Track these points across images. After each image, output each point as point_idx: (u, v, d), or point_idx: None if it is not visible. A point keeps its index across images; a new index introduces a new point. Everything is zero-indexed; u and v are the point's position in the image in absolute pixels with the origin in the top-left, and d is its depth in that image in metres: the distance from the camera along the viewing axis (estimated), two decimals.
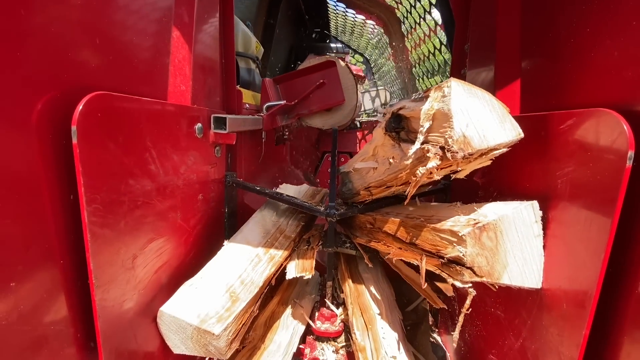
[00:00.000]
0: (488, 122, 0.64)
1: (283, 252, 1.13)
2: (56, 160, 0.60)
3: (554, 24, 0.78)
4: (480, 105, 0.64)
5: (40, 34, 0.57)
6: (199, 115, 1.07)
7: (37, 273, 0.58)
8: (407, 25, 2.79)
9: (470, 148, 0.63)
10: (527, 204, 0.68)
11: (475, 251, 0.65)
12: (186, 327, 0.80)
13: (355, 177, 1.24)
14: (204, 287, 0.90)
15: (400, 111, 0.81)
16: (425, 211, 0.89)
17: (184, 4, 1.00)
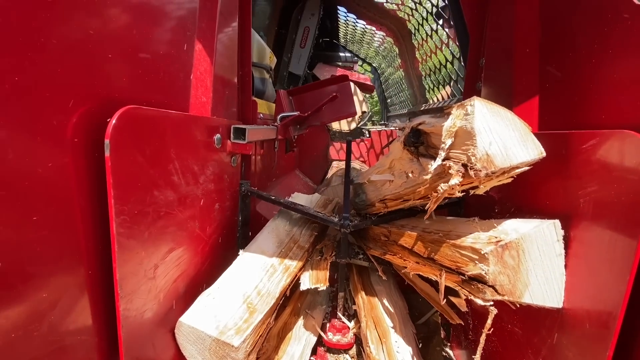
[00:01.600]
0: (511, 140, 0.65)
1: (297, 262, 1.13)
2: (88, 172, 0.62)
3: (574, 42, 0.79)
4: (503, 123, 0.65)
5: (76, 49, 0.59)
6: (219, 125, 1.09)
7: (67, 284, 0.59)
8: (418, 37, 2.82)
9: (493, 166, 0.64)
10: (549, 223, 0.68)
11: (498, 269, 0.65)
12: (205, 338, 0.80)
13: (370, 188, 1.24)
14: (222, 297, 0.90)
15: (420, 126, 0.82)
16: (443, 226, 0.90)
17: (206, 18, 1.03)
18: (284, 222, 1.39)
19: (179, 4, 0.91)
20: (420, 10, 2.49)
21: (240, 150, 1.21)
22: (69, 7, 0.57)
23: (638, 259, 0.54)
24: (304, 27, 3.42)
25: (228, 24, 1.18)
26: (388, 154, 1.10)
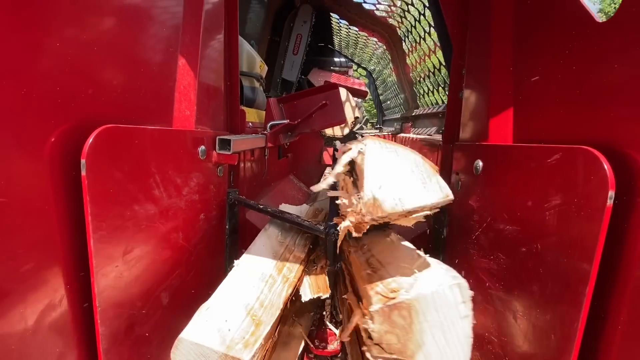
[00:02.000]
0: (407, 183, 0.61)
1: (295, 272, 1.12)
2: (66, 190, 0.64)
3: (544, 58, 0.81)
4: (401, 164, 0.62)
5: (54, 70, 0.61)
6: (203, 137, 1.11)
7: (46, 297, 0.61)
8: (408, 44, 2.85)
9: (381, 211, 0.60)
10: (452, 284, 0.65)
11: (384, 328, 0.61)
12: (209, 355, 0.74)
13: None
14: (223, 310, 0.86)
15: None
16: (388, 256, 0.88)
17: (190, 33, 1.05)
18: (276, 231, 1.38)
19: (162, 20, 0.93)
20: (409, 18, 2.53)
21: (226, 161, 1.23)
22: (46, 27, 0.59)
23: (597, 268, 0.56)
24: (296, 35, 3.46)
25: (213, 37, 1.21)
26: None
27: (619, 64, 0.58)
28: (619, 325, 0.57)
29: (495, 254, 0.88)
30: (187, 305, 1.01)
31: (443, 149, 1.43)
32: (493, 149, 0.93)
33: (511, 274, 0.80)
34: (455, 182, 1.24)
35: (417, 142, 2.41)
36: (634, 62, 0.57)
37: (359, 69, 5.48)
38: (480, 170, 1.00)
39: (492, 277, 0.89)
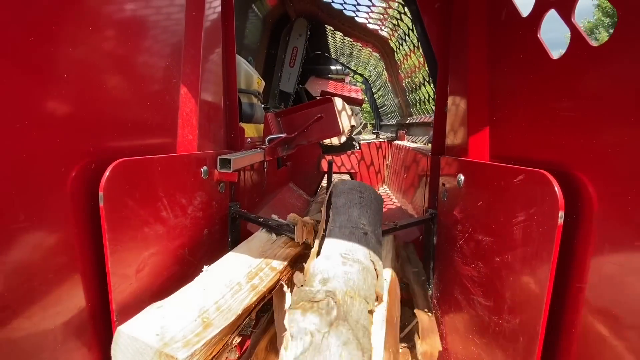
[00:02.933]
0: None
1: (267, 283, 1.09)
2: (84, 218, 0.72)
3: (512, 85, 0.89)
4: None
5: (73, 112, 0.69)
6: (205, 158, 1.19)
7: (69, 312, 0.69)
8: (399, 55, 2.94)
9: None
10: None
11: None
12: (145, 351, 0.70)
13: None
14: (174, 309, 0.83)
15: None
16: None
17: (190, 64, 1.14)
18: (259, 243, 1.35)
19: (164, 55, 1.02)
20: (399, 32, 2.61)
21: (227, 178, 1.31)
22: (67, 74, 0.68)
23: (552, 277, 0.63)
24: (292, 47, 3.56)
25: (212, 62, 1.30)
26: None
27: (566, 97, 0.67)
28: (576, 327, 0.65)
29: (475, 262, 0.96)
30: None
31: (431, 160, 1.52)
32: (472, 164, 1.01)
33: (488, 281, 0.88)
34: (442, 192, 1.32)
35: (410, 151, 2.50)
36: (578, 95, 0.65)
37: (356, 76, 5.59)
38: (462, 184, 1.08)
39: (473, 284, 0.97)
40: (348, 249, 1.07)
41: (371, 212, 1.33)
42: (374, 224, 1.28)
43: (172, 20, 1.09)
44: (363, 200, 1.36)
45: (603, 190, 0.60)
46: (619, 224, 0.56)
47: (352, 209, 1.29)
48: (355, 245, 1.09)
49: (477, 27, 1.07)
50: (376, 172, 3.48)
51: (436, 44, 1.44)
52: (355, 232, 1.17)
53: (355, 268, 0.98)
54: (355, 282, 0.91)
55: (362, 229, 1.19)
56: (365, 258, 1.05)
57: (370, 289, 0.95)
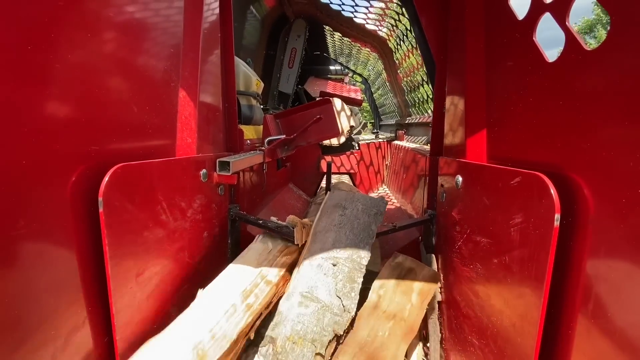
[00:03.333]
0: None
1: (262, 299, 1.06)
2: (85, 222, 0.73)
3: (509, 87, 0.90)
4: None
5: (73, 118, 0.70)
6: (204, 161, 1.20)
7: (69, 317, 0.70)
8: (398, 55, 2.94)
9: None
10: None
11: None
12: None
13: None
14: (169, 344, 0.83)
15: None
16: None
17: (189, 67, 1.14)
18: (254, 255, 1.29)
19: (162, 58, 1.03)
20: (397, 32, 2.62)
21: (226, 181, 1.32)
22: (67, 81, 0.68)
23: (549, 280, 0.64)
24: (291, 49, 3.56)
25: (210, 67, 1.30)
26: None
27: (562, 99, 0.67)
28: (572, 329, 0.65)
29: (473, 263, 0.96)
30: None
31: (430, 160, 1.52)
32: (469, 166, 1.02)
33: (486, 283, 0.88)
34: (440, 193, 1.32)
35: (409, 151, 2.50)
36: (574, 97, 0.65)
37: (355, 76, 5.59)
38: (460, 185, 1.09)
39: (472, 285, 0.98)
40: (310, 285, 1.03)
41: (353, 231, 1.23)
42: (355, 244, 1.17)
43: (171, 23, 1.09)
44: (344, 220, 1.26)
45: (599, 192, 0.60)
46: (615, 226, 0.56)
47: (329, 233, 1.22)
48: (319, 281, 1.04)
49: (474, 29, 1.08)
50: (375, 172, 3.49)
51: (434, 45, 1.45)
52: (324, 265, 1.10)
53: (311, 309, 0.97)
54: (305, 325, 0.92)
55: (333, 259, 1.11)
56: (329, 294, 1.01)
57: (324, 329, 0.92)
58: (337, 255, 1.13)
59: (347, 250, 1.15)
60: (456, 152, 1.20)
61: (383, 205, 1.40)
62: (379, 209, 1.36)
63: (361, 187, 3.45)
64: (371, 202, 1.38)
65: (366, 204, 1.37)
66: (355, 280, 1.06)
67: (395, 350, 0.96)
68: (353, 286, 1.05)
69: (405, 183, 2.59)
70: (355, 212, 1.31)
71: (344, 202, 1.35)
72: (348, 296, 1.02)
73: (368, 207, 1.35)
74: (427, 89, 2.42)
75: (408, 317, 1.06)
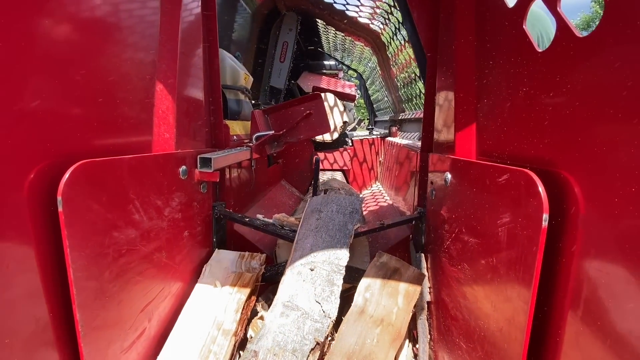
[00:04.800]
0: None
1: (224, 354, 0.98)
2: (46, 223, 0.68)
3: (499, 81, 0.85)
4: None
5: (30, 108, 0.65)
6: (184, 157, 1.15)
7: (29, 325, 0.65)
8: (391, 50, 2.89)
9: None
10: None
11: None
12: None
13: None
14: None
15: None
16: None
17: (167, 59, 1.09)
18: (205, 299, 1.14)
19: (137, 50, 0.97)
20: (390, 26, 2.56)
21: (208, 178, 1.27)
22: (22, 65, 0.63)
23: (537, 282, 0.60)
24: (282, 42, 3.49)
25: (191, 59, 1.24)
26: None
27: (553, 91, 0.63)
28: (561, 331, 0.61)
29: (461, 264, 0.93)
30: (174, 319, 1.06)
31: (421, 156, 1.48)
32: (458, 162, 0.98)
33: (473, 284, 0.85)
34: (430, 191, 1.28)
35: (402, 147, 2.46)
36: (565, 90, 0.61)
37: (350, 71, 5.53)
38: (449, 182, 1.05)
39: (459, 286, 0.94)
40: (291, 294, 1.01)
41: (329, 233, 1.21)
42: (331, 246, 1.15)
43: (147, 10, 1.03)
44: (320, 223, 1.24)
45: (591, 190, 0.56)
46: (606, 226, 0.53)
47: (307, 240, 1.20)
48: (299, 288, 1.03)
49: (465, 22, 1.03)
50: (369, 169, 3.45)
51: (425, 39, 1.40)
52: (303, 271, 1.07)
53: (291, 318, 0.94)
54: (286, 335, 0.90)
55: (310, 264, 1.09)
56: (308, 300, 0.99)
57: (305, 338, 0.90)
58: (314, 260, 1.10)
59: (324, 253, 1.12)
60: (446, 148, 1.16)
61: (358, 202, 1.36)
62: (354, 206, 1.33)
63: (354, 184, 3.41)
64: (345, 202, 1.36)
65: (340, 204, 1.34)
66: (334, 282, 1.03)
67: (384, 358, 0.93)
68: (332, 289, 1.01)
69: (398, 180, 2.55)
70: (330, 213, 1.29)
71: (319, 206, 1.34)
72: (327, 300, 0.98)
73: (343, 206, 1.33)
74: (420, 84, 2.37)
75: (395, 321, 1.02)
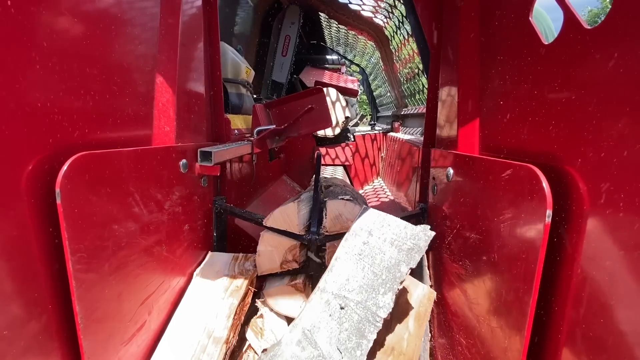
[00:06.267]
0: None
1: None
2: (45, 216, 0.68)
3: (503, 74, 0.84)
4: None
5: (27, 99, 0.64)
6: (184, 151, 1.14)
7: (28, 319, 0.65)
8: (394, 44, 2.86)
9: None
10: None
11: None
12: None
13: None
14: None
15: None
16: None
17: (167, 51, 1.08)
18: (194, 306, 1.09)
19: (137, 41, 0.96)
20: (393, 19, 2.53)
21: (209, 172, 1.26)
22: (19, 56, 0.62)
23: (538, 282, 0.59)
24: (284, 36, 3.46)
25: (192, 52, 1.23)
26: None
27: (559, 85, 0.62)
28: (563, 329, 0.61)
29: (462, 260, 0.92)
30: (174, 313, 1.06)
31: (423, 152, 1.47)
32: (461, 158, 0.97)
33: (475, 280, 0.84)
34: (432, 186, 1.27)
35: (404, 143, 2.45)
36: (571, 83, 0.60)
37: (352, 66, 5.49)
38: (451, 178, 1.04)
39: (460, 282, 0.93)
40: (313, 324, 0.87)
41: (373, 268, 0.93)
42: (372, 287, 0.90)
43: (148, 2, 1.02)
44: (365, 250, 0.97)
45: (595, 186, 0.55)
46: (611, 223, 0.52)
47: (347, 263, 0.96)
48: (323, 321, 0.87)
49: (469, 15, 1.02)
50: (371, 164, 3.43)
51: (429, 33, 1.38)
52: (332, 303, 0.89)
53: (306, 354, 0.80)
54: None
55: (342, 298, 0.89)
56: (329, 342, 0.82)
57: None
58: (347, 296, 0.90)
59: (361, 292, 0.90)
60: (448, 143, 1.15)
61: (425, 238, 0.96)
62: (417, 242, 0.96)
63: (356, 180, 3.40)
64: (407, 232, 0.99)
65: (399, 233, 0.99)
66: (364, 334, 0.83)
67: None
68: (360, 343, 0.82)
69: (400, 175, 2.54)
70: (382, 242, 0.98)
71: (372, 225, 1.03)
72: (351, 354, 0.80)
73: (400, 237, 0.98)
74: (423, 79, 2.35)
75: (407, 349, 0.92)
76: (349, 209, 1.22)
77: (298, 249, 1.27)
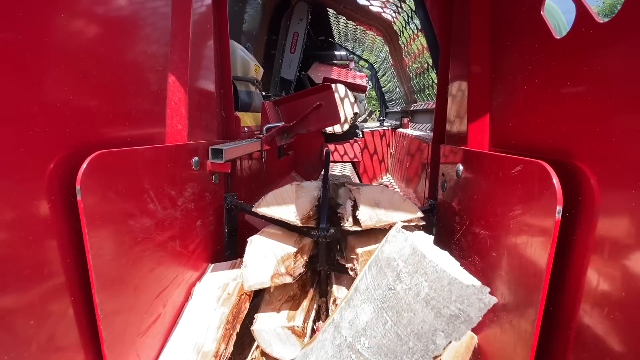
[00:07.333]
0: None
1: None
2: (66, 212, 0.70)
3: (514, 69, 0.83)
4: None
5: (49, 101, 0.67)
6: (196, 148, 1.17)
7: (50, 312, 0.68)
8: (403, 39, 2.83)
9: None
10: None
11: None
12: None
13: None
14: None
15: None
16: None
17: (178, 50, 1.10)
18: (188, 323, 1.02)
19: (149, 41, 0.98)
20: (402, 14, 2.51)
21: (220, 169, 1.28)
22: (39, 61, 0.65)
23: (548, 277, 0.60)
24: (293, 33, 3.46)
25: (203, 49, 1.25)
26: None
27: (569, 80, 0.61)
28: (572, 326, 0.61)
29: (472, 255, 0.92)
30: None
31: (432, 148, 1.46)
32: (470, 154, 0.97)
33: (484, 277, 0.84)
34: (441, 182, 1.27)
35: (413, 139, 2.43)
36: (582, 78, 0.59)
37: (361, 61, 5.46)
38: (461, 174, 1.04)
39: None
40: None
41: (398, 326, 0.70)
42: (393, 352, 0.69)
43: (159, 2, 1.04)
44: (391, 297, 0.72)
45: (607, 182, 0.55)
46: (622, 220, 0.51)
47: (366, 305, 0.76)
48: None
49: (479, 9, 1.00)
50: (380, 161, 3.42)
51: (438, 28, 1.37)
52: (344, 351, 0.73)
53: None
54: None
55: (356, 352, 0.72)
56: None
57: None
58: (363, 352, 0.72)
59: (379, 355, 0.71)
60: (458, 139, 1.14)
61: (478, 305, 0.65)
62: (465, 309, 0.66)
63: (365, 176, 3.40)
64: (451, 290, 0.67)
65: (439, 288, 0.68)
66: None
67: None
68: None
69: (409, 172, 2.53)
70: (412, 295, 0.70)
71: (401, 265, 0.73)
72: None
73: (441, 296, 0.67)
74: (433, 74, 2.33)
75: None
76: (387, 197, 0.97)
77: (293, 260, 1.07)
